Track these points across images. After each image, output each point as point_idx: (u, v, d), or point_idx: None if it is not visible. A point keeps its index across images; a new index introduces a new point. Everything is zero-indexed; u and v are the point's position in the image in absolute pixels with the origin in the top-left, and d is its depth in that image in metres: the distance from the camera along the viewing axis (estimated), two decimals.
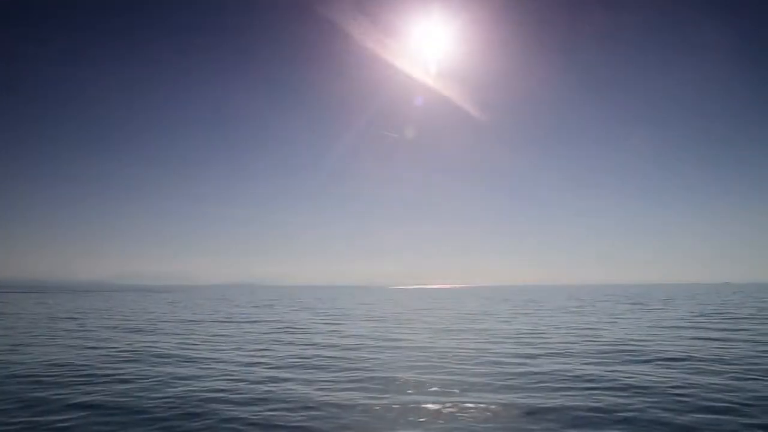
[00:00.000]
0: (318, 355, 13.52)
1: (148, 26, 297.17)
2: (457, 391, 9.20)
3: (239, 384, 9.86)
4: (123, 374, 10.81)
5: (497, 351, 14.11)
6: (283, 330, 20.67)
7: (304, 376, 10.64)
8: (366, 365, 11.86)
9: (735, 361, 12.03)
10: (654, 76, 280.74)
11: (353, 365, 11.88)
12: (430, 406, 8.22)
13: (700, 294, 69.50)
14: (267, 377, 10.57)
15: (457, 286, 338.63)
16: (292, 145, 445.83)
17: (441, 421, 7.46)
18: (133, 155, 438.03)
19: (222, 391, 9.25)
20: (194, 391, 9.26)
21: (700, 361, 12.18)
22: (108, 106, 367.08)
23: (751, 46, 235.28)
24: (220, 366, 11.86)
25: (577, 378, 10.23)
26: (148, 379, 10.33)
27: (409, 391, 9.21)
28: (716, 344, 15.17)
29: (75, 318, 27.44)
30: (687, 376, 10.39)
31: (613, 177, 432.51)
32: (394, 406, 8.19)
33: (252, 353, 14.04)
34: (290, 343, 16.12)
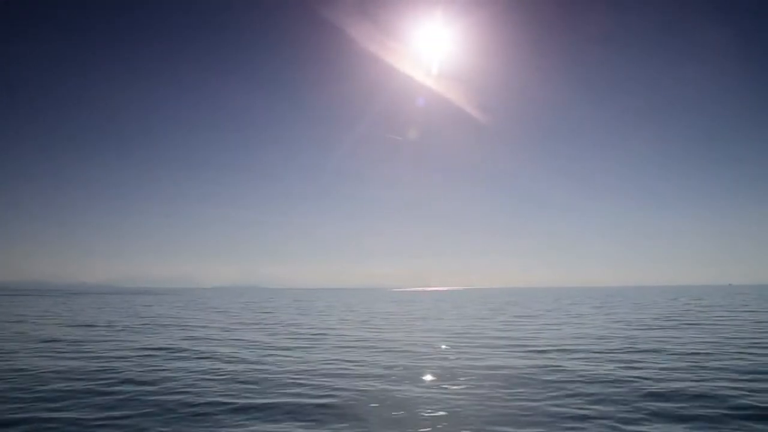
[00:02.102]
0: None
1: (151, 28, 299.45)
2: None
3: None
4: None
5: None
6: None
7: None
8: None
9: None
10: (656, 77, 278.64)
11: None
12: None
13: (682, 296, 68.28)
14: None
15: (459, 288, 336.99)
16: (294, 147, 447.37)
17: None
18: (139, 157, 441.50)
19: None
20: None
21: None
22: (113, 108, 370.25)
23: (753, 45, 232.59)
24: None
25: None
26: None
27: None
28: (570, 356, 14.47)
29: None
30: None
31: (617, 178, 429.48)
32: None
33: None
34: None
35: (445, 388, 9.70)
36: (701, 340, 16.84)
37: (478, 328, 22.52)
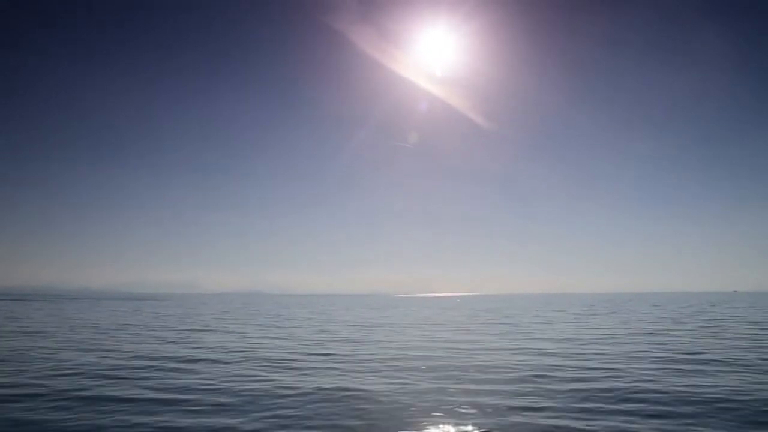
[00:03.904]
0: None
1: (156, 35, 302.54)
2: None
3: None
4: None
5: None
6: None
7: None
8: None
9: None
10: (659, 80, 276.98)
11: None
12: None
13: (665, 303, 67.31)
14: None
15: (460, 294, 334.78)
16: (298, 152, 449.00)
17: None
18: (145, 163, 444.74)
19: None
20: None
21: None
22: (118, 114, 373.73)
23: (755, 47, 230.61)
24: None
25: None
26: None
27: None
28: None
29: None
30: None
31: (622, 183, 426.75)
32: None
33: None
34: None
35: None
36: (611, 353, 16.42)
37: (413, 340, 22.16)
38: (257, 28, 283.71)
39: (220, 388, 10.67)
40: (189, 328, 28.06)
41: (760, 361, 13.90)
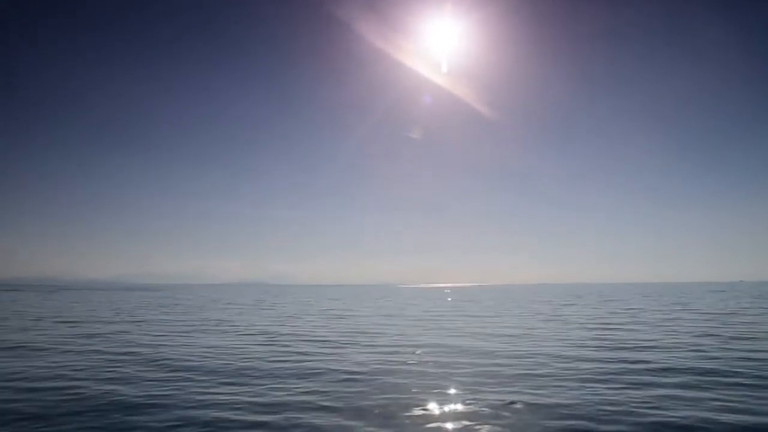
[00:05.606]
0: None
1: (159, 26, 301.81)
2: None
3: None
4: None
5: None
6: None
7: None
8: None
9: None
10: (664, 73, 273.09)
11: None
12: None
13: (660, 294, 65.94)
14: None
15: (462, 285, 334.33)
16: (303, 144, 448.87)
17: None
18: (150, 155, 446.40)
19: None
20: None
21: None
22: (121, 106, 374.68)
23: (758, 40, 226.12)
24: None
25: None
26: None
27: None
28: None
29: None
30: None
31: (626, 175, 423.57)
32: None
33: None
34: None
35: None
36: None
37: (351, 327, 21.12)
38: (261, 18, 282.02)
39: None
40: (133, 319, 27.17)
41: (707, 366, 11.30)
